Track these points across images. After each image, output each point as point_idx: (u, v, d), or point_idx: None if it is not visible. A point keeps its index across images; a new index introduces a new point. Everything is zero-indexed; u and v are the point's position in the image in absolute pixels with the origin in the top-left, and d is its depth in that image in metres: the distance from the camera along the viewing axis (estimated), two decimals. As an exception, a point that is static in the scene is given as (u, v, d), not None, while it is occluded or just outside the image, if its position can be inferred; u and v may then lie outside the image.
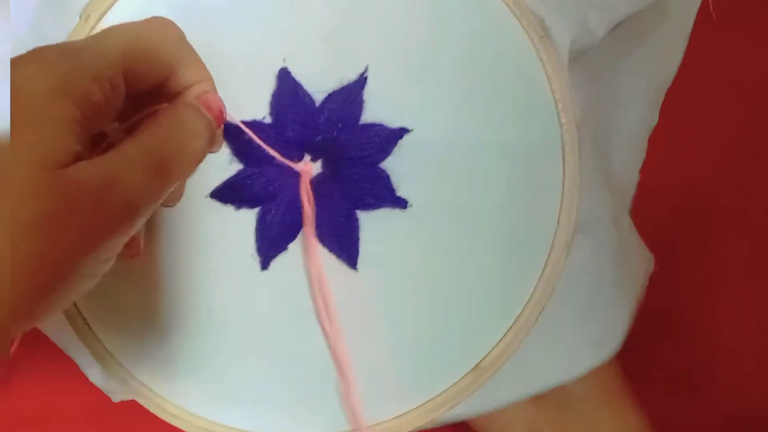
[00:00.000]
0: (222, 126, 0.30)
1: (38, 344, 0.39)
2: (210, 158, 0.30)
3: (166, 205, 0.30)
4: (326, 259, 0.35)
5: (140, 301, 0.35)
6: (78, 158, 0.23)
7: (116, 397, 0.37)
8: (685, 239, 0.43)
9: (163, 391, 0.36)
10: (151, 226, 0.34)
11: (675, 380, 0.44)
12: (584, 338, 0.38)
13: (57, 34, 0.36)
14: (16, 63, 0.23)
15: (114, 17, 0.35)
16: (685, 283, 0.43)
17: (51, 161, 0.22)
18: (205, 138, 0.27)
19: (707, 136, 0.43)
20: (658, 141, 0.42)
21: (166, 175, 0.25)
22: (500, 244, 0.35)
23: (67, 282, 0.22)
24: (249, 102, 0.35)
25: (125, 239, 0.24)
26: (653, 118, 0.41)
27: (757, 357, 0.39)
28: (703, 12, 0.42)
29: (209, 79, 0.29)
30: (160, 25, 0.27)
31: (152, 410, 0.36)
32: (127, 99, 0.26)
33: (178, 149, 0.26)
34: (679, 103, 0.42)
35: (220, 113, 0.29)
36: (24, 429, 0.43)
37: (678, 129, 0.43)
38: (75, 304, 0.35)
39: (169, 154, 0.25)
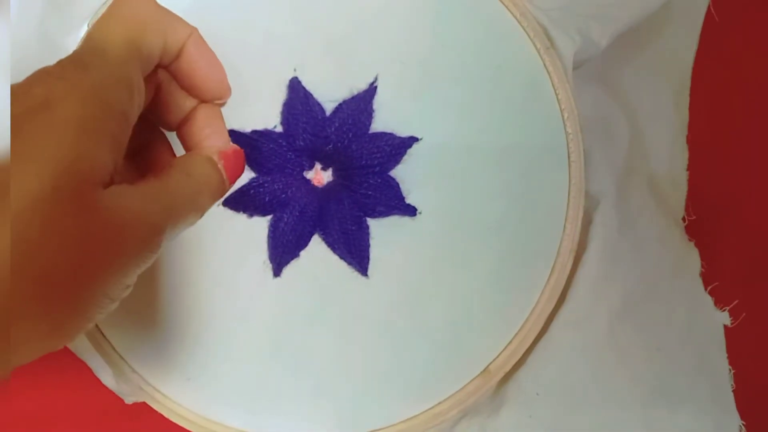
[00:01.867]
0: (237, 178, 0.29)
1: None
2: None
3: None
4: (337, 266, 0.36)
5: (152, 307, 0.36)
6: (111, 176, 0.23)
7: (129, 399, 0.38)
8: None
9: (174, 395, 0.36)
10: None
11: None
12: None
13: (63, 39, 0.36)
14: (42, 78, 0.23)
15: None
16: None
17: (90, 180, 0.21)
18: (212, 195, 0.27)
19: (709, 136, 0.43)
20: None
21: (176, 223, 0.25)
22: (508, 251, 0.36)
23: (86, 302, 0.22)
24: (258, 111, 0.35)
25: (138, 272, 0.24)
26: (683, 118, 0.42)
27: (758, 358, 0.40)
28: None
29: (195, 31, 0.28)
30: (130, 2, 0.26)
31: (165, 414, 0.36)
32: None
33: (190, 201, 0.26)
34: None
35: (237, 167, 0.29)
36: (25, 429, 0.43)
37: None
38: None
39: (182, 204, 0.25)
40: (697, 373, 0.38)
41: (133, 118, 0.25)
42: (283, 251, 0.35)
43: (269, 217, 0.35)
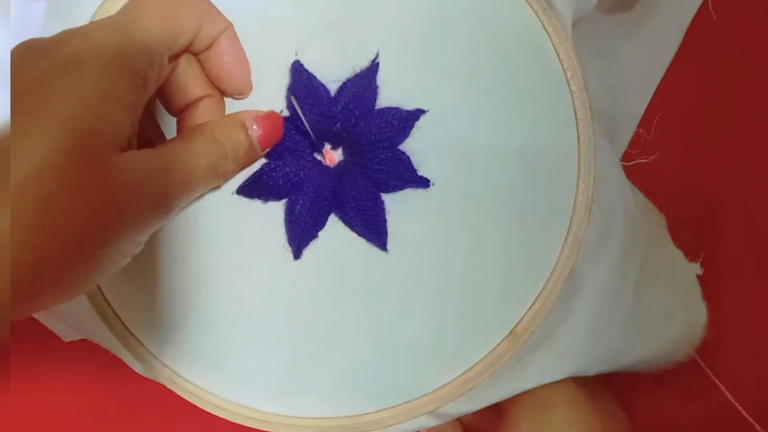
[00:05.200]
0: (273, 143, 0.30)
1: (38, 342, 0.39)
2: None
3: None
4: (356, 243, 0.36)
5: (177, 301, 0.36)
6: (129, 140, 0.23)
7: None
8: (684, 237, 0.44)
9: (206, 384, 0.37)
10: (184, 229, 0.35)
11: (675, 379, 0.45)
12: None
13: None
14: (72, 35, 0.23)
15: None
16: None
17: (109, 143, 0.22)
18: (238, 161, 0.28)
19: (707, 135, 0.44)
20: (661, 138, 0.43)
21: (193, 187, 0.26)
22: (523, 213, 0.36)
23: (101, 256, 0.23)
24: (263, 97, 0.35)
25: (152, 231, 0.25)
26: (639, 107, 0.42)
27: (758, 357, 0.40)
28: (703, 11, 0.42)
29: (230, 26, 0.29)
30: None
31: (198, 404, 0.37)
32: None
33: (212, 166, 0.26)
34: (679, 102, 0.43)
35: (273, 132, 0.29)
36: (25, 429, 0.43)
37: (678, 126, 0.44)
38: (113, 310, 0.36)
39: (202, 168, 0.26)
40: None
41: (152, 88, 0.25)
42: (301, 233, 0.36)
43: (284, 201, 0.36)
